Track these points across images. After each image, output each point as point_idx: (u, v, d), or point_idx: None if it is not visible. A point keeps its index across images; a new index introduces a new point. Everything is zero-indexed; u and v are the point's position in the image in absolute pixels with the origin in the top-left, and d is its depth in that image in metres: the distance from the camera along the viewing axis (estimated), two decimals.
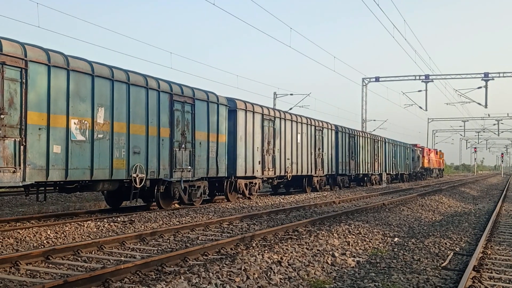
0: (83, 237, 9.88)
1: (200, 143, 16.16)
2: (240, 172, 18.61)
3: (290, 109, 41.44)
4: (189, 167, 15.64)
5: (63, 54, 11.54)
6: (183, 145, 15.35)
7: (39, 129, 10.68)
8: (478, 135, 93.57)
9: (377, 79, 47.27)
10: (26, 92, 10.39)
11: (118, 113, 12.80)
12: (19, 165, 10.20)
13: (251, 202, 18.25)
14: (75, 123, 11.53)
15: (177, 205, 16.32)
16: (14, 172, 10.09)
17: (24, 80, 10.36)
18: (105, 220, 11.96)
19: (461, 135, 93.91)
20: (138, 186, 13.40)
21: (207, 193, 17.35)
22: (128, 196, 13.89)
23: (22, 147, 10.25)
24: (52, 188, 12.92)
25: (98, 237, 9.79)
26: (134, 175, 13.27)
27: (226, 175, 17.74)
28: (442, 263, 8.05)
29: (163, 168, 14.48)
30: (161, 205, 15.13)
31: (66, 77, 11.38)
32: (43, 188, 12.00)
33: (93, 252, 8.30)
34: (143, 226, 11.38)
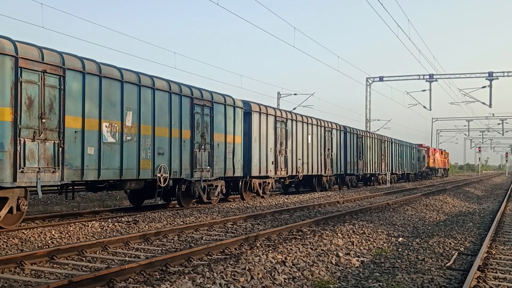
0: (88, 237, 9.90)
1: (218, 144, 16.81)
2: (254, 172, 19.20)
3: (294, 109, 41.46)
4: (208, 167, 16.28)
5: (96, 61, 12.15)
6: (202, 146, 15.99)
7: (75, 132, 11.40)
8: (483, 134, 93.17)
9: (381, 79, 47.18)
10: (64, 98, 11.09)
11: (144, 116, 13.49)
12: (58, 166, 10.91)
13: (255, 202, 18.27)
14: (106, 126, 12.24)
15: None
16: (53, 172, 10.82)
17: (62, 87, 11.06)
18: (109, 220, 11.99)
19: (465, 134, 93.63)
20: (162, 185, 14.04)
21: (224, 192, 17.88)
22: (149, 195, 14.80)
23: (60, 149, 10.97)
24: (83, 187, 13.69)
25: (102, 237, 9.81)
26: (159, 174, 13.93)
27: (241, 175, 18.34)
28: (447, 263, 8.03)
29: (185, 168, 15.14)
30: (182, 203, 15.67)
31: (98, 83, 12.04)
32: (71, 188, 12.59)
33: (98, 252, 8.32)
34: (147, 226, 11.40)
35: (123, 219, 12.36)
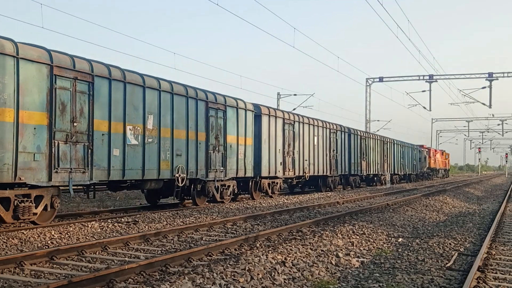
0: (87, 237, 9.90)
1: (230, 146, 17.60)
2: (264, 172, 19.93)
3: (294, 109, 41.47)
4: (222, 168, 17.08)
5: (120, 68, 12.90)
6: (216, 148, 16.82)
7: (102, 134, 12.14)
8: (482, 135, 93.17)
9: (381, 79, 47.15)
10: (92, 102, 11.85)
11: (164, 119, 14.28)
12: (87, 166, 11.71)
13: (255, 203, 18.28)
14: (130, 129, 13.01)
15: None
16: (83, 172, 11.62)
17: (91, 93, 11.83)
18: (109, 221, 12.00)
19: (465, 135, 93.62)
20: (180, 185, 14.81)
21: (236, 192, 18.50)
22: (165, 194, 15.98)
23: (89, 150, 11.75)
24: (105, 186, 14.57)
25: (102, 237, 9.81)
26: (177, 175, 14.71)
27: (252, 175, 19.12)
28: (447, 263, 8.02)
29: (200, 168, 15.95)
30: (196, 202, 16.32)
31: (123, 88, 12.81)
32: (92, 187, 13.12)
33: (97, 253, 8.32)
34: (147, 227, 11.40)
35: (122, 219, 12.36)
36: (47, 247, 8.77)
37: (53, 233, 9.99)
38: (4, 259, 6.99)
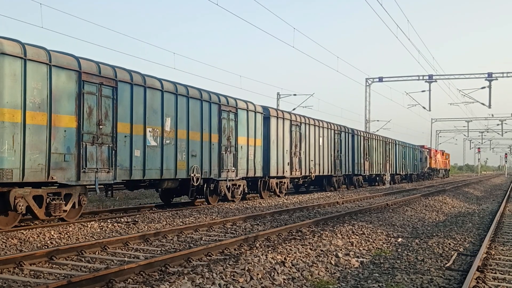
0: (87, 237, 9.90)
1: (241, 147, 18.28)
2: (272, 172, 20.60)
3: (294, 109, 41.46)
4: (233, 168, 17.73)
5: (140, 73, 13.54)
6: (228, 149, 17.49)
7: (125, 136, 12.79)
8: (482, 135, 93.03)
9: (380, 79, 47.12)
10: (116, 106, 12.47)
11: (180, 122, 14.95)
12: (112, 166, 12.37)
13: (254, 203, 18.28)
14: (149, 131, 13.65)
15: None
16: (108, 172, 12.28)
17: (115, 97, 12.45)
18: (108, 221, 12.01)
19: (464, 135, 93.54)
20: (195, 184, 15.47)
21: (246, 191, 19.05)
22: (179, 193, 16.79)
23: (113, 151, 12.40)
24: (123, 185, 15.08)
25: (101, 237, 9.80)
26: (192, 174, 15.37)
27: (261, 175, 19.81)
28: (446, 263, 8.03)
29: (213, 168, 16.64)
30: (209, 201, 17.00)
31: (143, 93, 13.46)
32: (110, 186, 13.75)
33: (97, 253, 8.32)
34: (146, 227, 11.40)
35: (122, 219, 12.36)
36: (46, 247, 8.77)
37: (52, 233, 9.99)
38: (4, 259, 6.99)
